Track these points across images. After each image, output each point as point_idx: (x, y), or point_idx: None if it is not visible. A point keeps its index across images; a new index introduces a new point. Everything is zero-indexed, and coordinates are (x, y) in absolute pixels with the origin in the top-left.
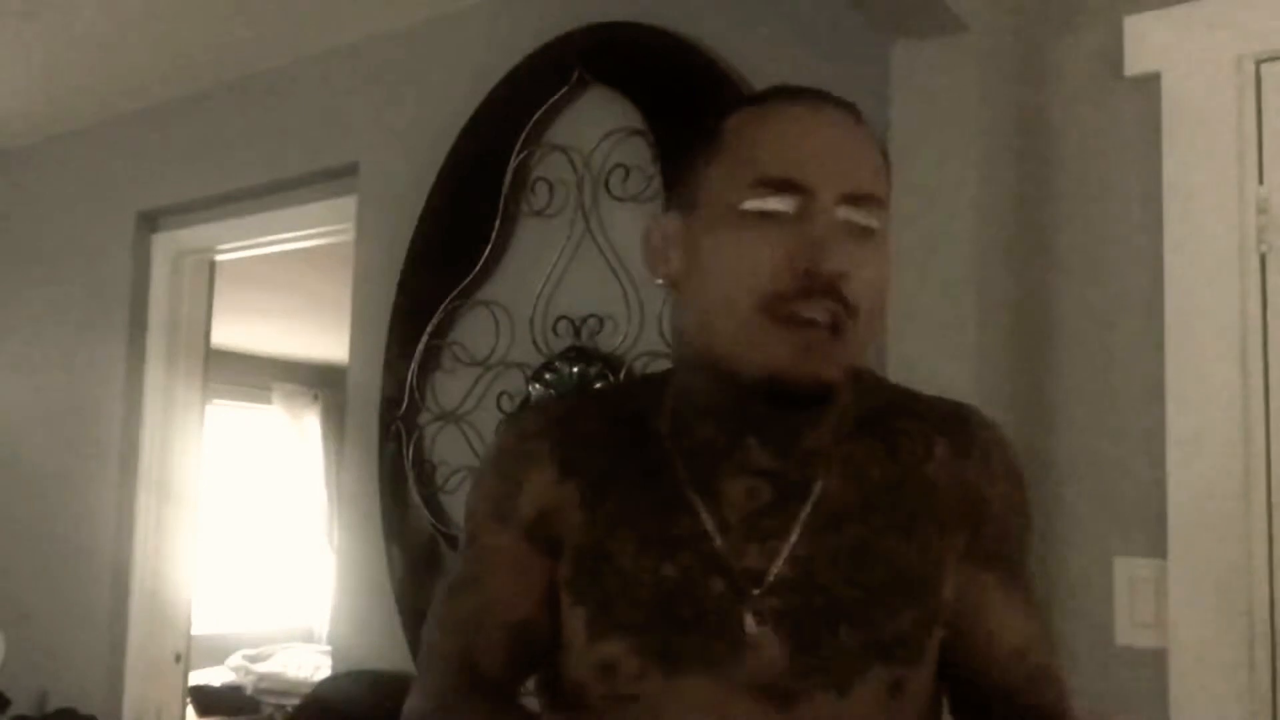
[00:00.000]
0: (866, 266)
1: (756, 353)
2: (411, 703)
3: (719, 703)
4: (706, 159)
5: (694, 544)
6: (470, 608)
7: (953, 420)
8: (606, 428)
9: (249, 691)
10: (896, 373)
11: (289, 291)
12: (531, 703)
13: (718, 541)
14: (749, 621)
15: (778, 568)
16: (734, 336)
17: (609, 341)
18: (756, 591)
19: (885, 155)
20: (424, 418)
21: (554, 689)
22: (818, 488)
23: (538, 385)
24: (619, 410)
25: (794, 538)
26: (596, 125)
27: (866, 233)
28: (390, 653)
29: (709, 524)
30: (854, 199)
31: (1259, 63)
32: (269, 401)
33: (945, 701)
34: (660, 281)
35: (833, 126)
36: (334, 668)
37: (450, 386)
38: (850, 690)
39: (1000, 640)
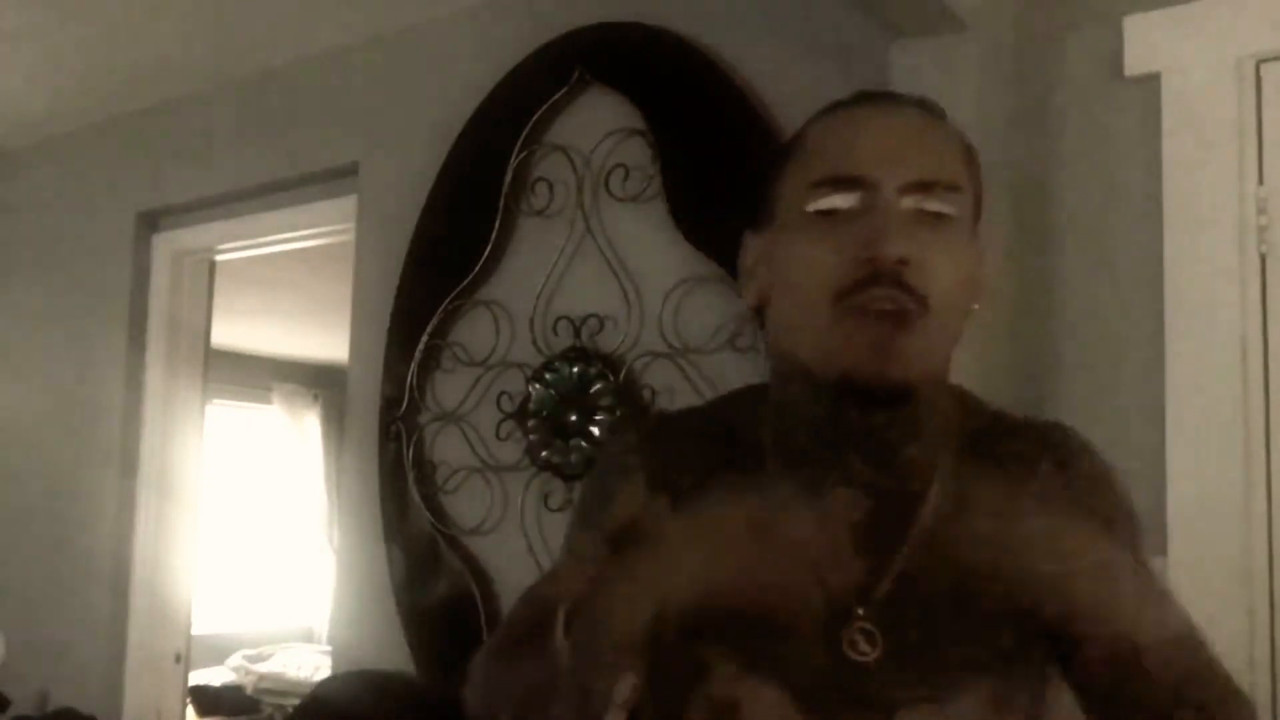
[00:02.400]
0: (937, 253)
1: (828, 353)
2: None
3: (818, 713)
4: (781, 172)
5: (792, 554)
6: (548, 593)
7: (1051, 441)
8: (699, 442)
9: (249, 691)
10: None
11: (289, 291)
12: None
13: (817, 553)
14: (858, 640)
15: (884, 584)
16: (812, 340)
17: (609, 341)
18: (861, 610)
19: (970, 149)
20: (424, 418)
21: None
22: (925, 505)
23: (538, 385)
24: (714, 424)
25: (899, 554)
26: (596, 125)
27: (941, 220)
28: (390, 653)
29: (809, 535)
30: (920, 186)
31: (1259, 63)
32: (269, 401)
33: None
34: (750, 304)
35: (897, 120)
36: (334, 668)
37: (450, 386)
38: (951, 704)
39: (1138, 639)
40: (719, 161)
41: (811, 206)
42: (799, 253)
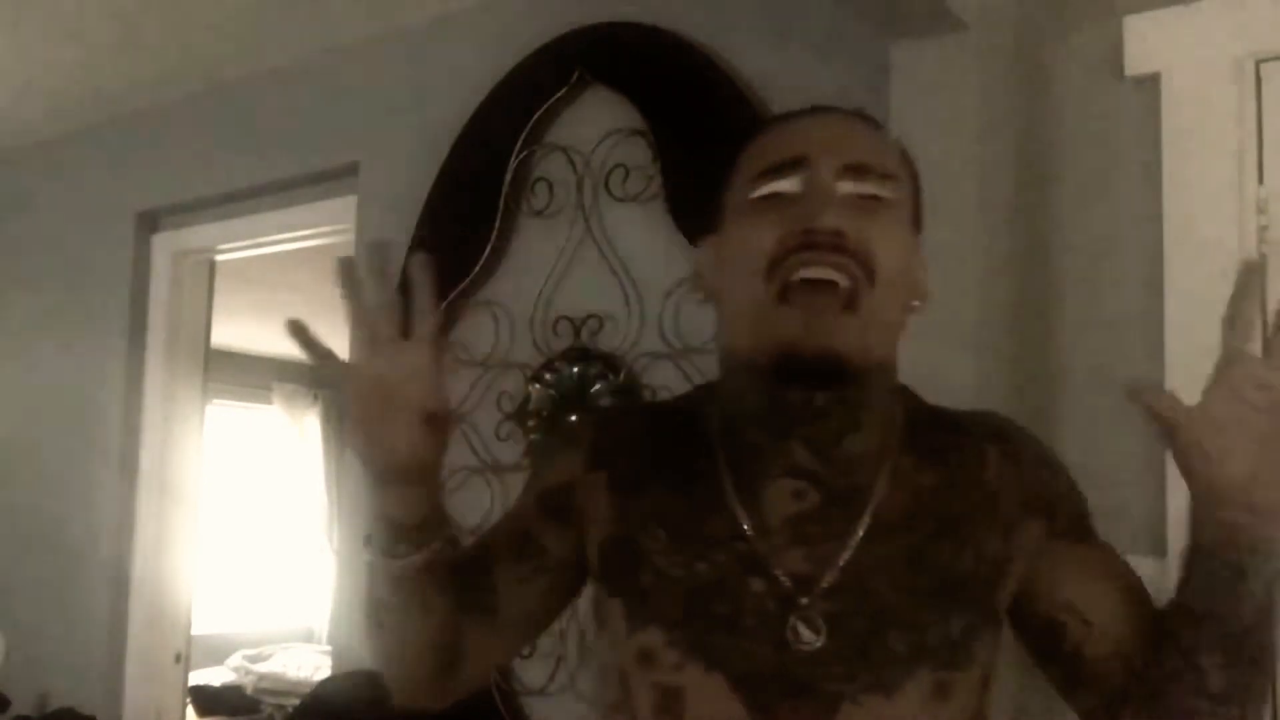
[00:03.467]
0: (874, 230)
1: (768, 331)
2: None
3: (762, 702)
4: (729, 180)
5: (730, 544)
6: (480, 541)
7: (995, 429)
8: (649, 432)
9: (249, 691)
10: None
11: (289, 291)
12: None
13: (756, 543)
14: (800, 628)
15: (830, 575)
16: (751, 321)
17: (609, 341)
18: (805, 600)
19: (906, 154)
20: None
21: (606, 672)
22: (871, 497)
23: (538, 385)
24: (668, 417)
25: (845, 545)
26: (596, 125)
27: (874, 201)
28: None
29: (747, 525)
30: (853, 169)
31: (1259, 63)
32: (269, 401)
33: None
34: (702, 298)
35: (834, 117)
36: (334, 668)
37: (450, 386)
38: (896, 693)
39: (1111, 593)
40: (719, 161)
41: (755, 194)
42: (740, 235)
